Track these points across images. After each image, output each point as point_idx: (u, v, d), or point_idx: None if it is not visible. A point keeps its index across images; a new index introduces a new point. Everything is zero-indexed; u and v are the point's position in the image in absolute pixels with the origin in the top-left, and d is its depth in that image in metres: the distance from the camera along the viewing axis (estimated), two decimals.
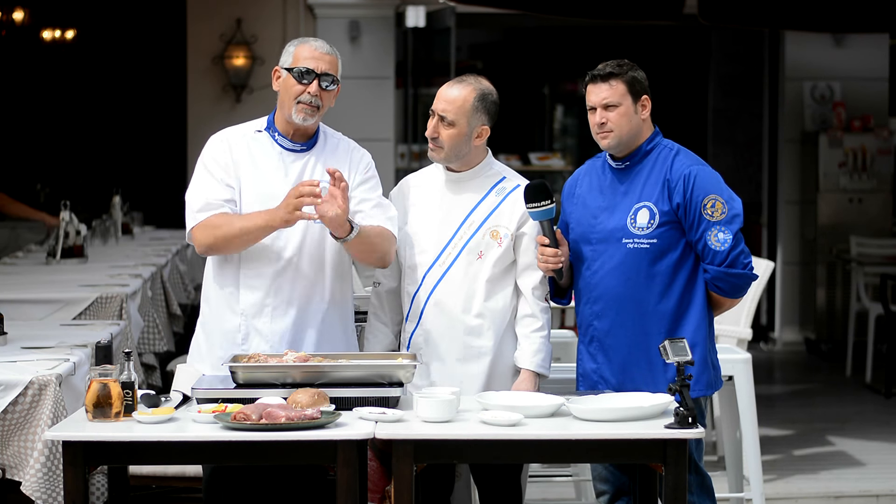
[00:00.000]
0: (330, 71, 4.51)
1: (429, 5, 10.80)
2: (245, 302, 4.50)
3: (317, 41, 4.56)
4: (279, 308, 4.49)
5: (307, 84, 4.47)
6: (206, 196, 4.48)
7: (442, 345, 4.59)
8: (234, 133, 4.60)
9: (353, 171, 4.59)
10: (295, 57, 4.52)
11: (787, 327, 11.47)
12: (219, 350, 4.51)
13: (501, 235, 4.60)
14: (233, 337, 4.50)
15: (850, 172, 10.96)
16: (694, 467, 4.50)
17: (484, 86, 4.61)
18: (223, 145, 4.56)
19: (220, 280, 4.55)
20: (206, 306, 4.61)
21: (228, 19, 10.91)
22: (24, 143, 13.58)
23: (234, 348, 4.48)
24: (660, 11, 8.76)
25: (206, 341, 4.59)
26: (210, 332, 4.57)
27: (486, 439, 3.91)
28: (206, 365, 4.54)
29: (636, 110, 4.56)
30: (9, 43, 12.67)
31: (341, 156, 4.60)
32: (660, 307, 4.52)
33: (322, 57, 4.51)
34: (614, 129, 4.54)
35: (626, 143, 4.57)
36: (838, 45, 11.22)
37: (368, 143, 5.08)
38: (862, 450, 7.68)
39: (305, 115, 4.48)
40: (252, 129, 4.60)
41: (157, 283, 7.67)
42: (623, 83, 4.54)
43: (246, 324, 4.50)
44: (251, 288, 4.49)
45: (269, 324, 4.49)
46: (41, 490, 4.43)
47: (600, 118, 4.55)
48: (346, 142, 4.67)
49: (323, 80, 4.49)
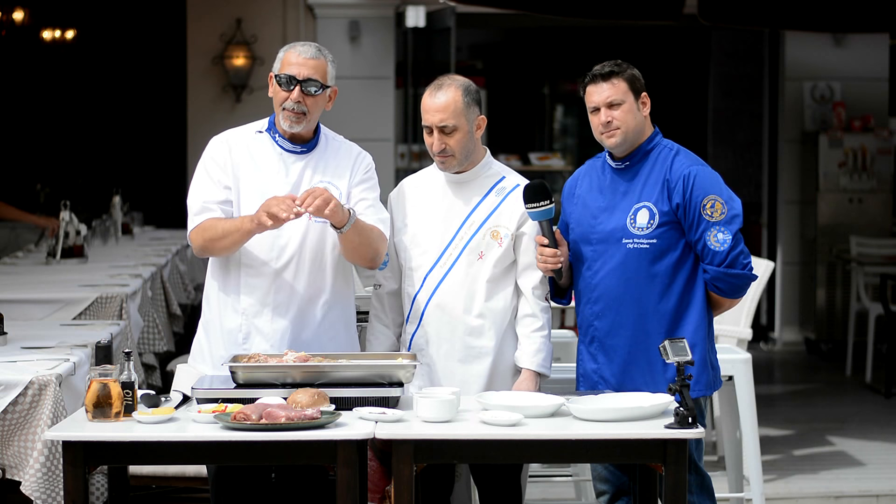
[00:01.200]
0: (314, 76, 4.47)
1: (429, 5, 10.81)
2: (246, 301, 4.50)
3: (304, 46, 4.52)
4: (280, 307, 4.49)
5: (289, 91, 4.47)
6: (202, 199, 4.51)
7: (443, 345, 4.60)
8: (235, 134, 4.61)
9: (354, 171, 4.59)
10: (282, 63, 4.51)
11: (787, 327, 11.47)
12: (220, 350, 4.52)
13: (502, 235, 4.60)
14: (234, 336, 4.51)
15: (850, 172, 10.96)
16: (694, 467, 4.50)
17: (462, 80, 4.62)
18: (223, 146, 4.56)
19: (221, 279, 4.55)
20: (207, 306, 4.62)
21: (228, 19, 10.91)
22: (24, 143, 13.58)
23: (235, 348, 4.48)
24: (660, 11, 8.76)
25: (207, 341, 4.59)
26: (211, 332, 4.58)
27: (486, 439, 3.91)
28: (207, 365, 4.55)
29: (638, 107, 4.57)
30: (9, 43, 12.67)
31: (343, 157, 4.60)
32: (659, 307, 4.52)
33: (305, 63, 4.47)
34: (621, 126, 4.54)
35: (631, 141, 4.57)
36: (838, 45, 11.22)
37: (368, 143, 5.08)
38: (862, 450, 7.69)
39: (291, 121, 4.48)
40: (253, 130, 4.61)
41: (157, 283, 7.68)
42: (624, 80, 4.55)
43: (247, 323, 4.50)
44: (252, 287, 4.49)
45: (270, 323, 4.49)
46: (41, 490, 4.43)
47: (605, 117, 4.55)
48: (347, 144, 4.66)
49: (306, 86, 4.46)
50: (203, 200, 4.49)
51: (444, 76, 4.64)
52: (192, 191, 4.54)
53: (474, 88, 4.63)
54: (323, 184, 4.50)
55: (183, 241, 9.53)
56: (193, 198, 4.52)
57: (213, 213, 4.48)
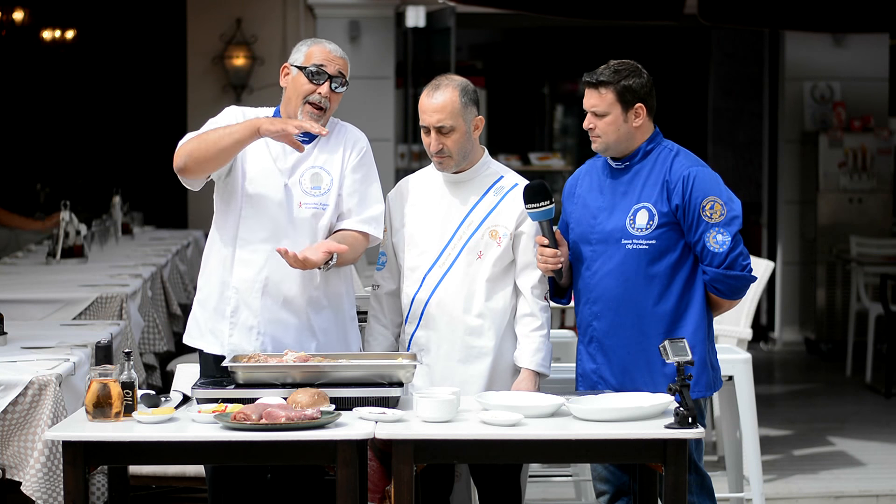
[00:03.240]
0: (342, 72, 4.53)
1: (429, 5, 10.81)
2: (238, 275, 4.49)
3: (330, 43, 4.56)
4: (271, 285, 4.47)
5: (318, 84, 4.48)
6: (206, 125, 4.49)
7: (443, 345, 4.60)
8: (250, 111, 4.62)
9: (347, 155, 4.58)
10: (308, 56, 4.51)
11: (787, 327, 11.47)
12: (210, 322, 4.52)
13: (500, 235, 4.60)
14: (222, 309, 4.50)
15: (850, 172, 10.96)
16: (694, 467, 4.50)
17: (459, 80, 4.62)
18: (238, 114, 4.57)
19: (217, 253, 4.53)
20: (202, 280, 4.61)
21: (228, 19, 10.91)
22: (24, 143, 13.59)
23: (222, 320, 4.48)
24: (660, 11, 8.76)
25: (202, 314, 4.57)
26: (206, 305, 4.56)
27: (486, 439, 3.91)
28: (204, 340, 4.54)
29: (626, 119, 4.54)
30: (9, 43, 12.68)
31: (337, 140, 4.60)
32: (658, 308, 4.52)
33: (335, 59, 4.52)
34: (601, 136, 4.55)
35: (614, 149, 4.57)
36: (838, 45, 11.22)
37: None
38: (862, 450, 7.69)
39: (311, 117, 4.47)
40: (263, 114, 4.60)
41: (157, 283, 7.68)
42: (613, 92, 4.52)
43: (236, 297, 4.49)
44: (246, 262, 4.48)
45: (259, 299, 4.47)
46: (41, 490, 4.43)
47: (588, 123, 4.57)
48: (341, 126, 4.66)
49: (334, 82, 4.50)
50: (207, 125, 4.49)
51: (442, 76, 4.63)
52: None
53: (472, 88, 4.63)
54: (314, 169, 4.50)
55: (183, 241, 9.54)
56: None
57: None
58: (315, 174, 4.51)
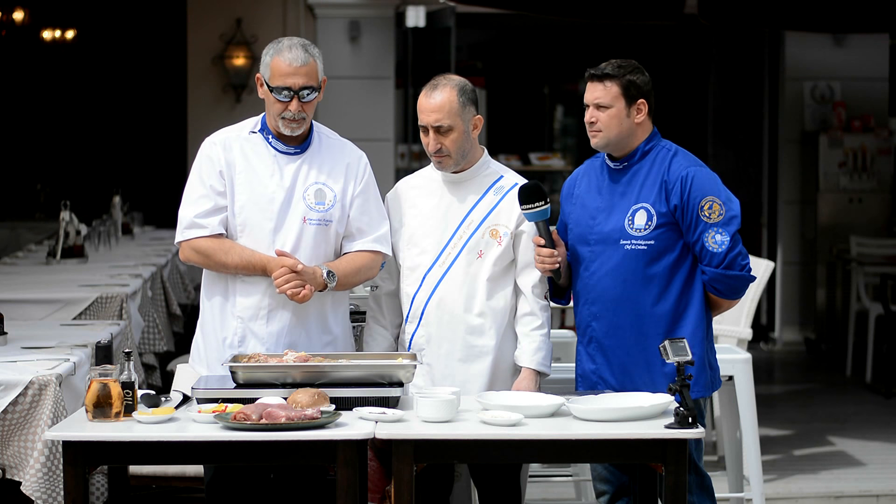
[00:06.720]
0: (308, 83, 4.45)
1: (429, 5, 10.81)
2: (241, 305, 4.50)
3: (291, 52, 4.45)
4: (275, 310, 4.49)
5: (286, 102, 4.46)
6: (194, 210, 4.50)
7: (444, 345, 4.60)
8: (229, 134, 4.60)
9: (350, 176, 4.59)
10: (272, 71, 4.46)
11: (787, 327, 11.47)
12: (215, 352, 4.52)
13: (501, 234, 4.60)
14: (230, 340, 4.51)
15: (850, 172, 10.97)
16: (694, 467, 4.50)
17: (457, 80, 4.61)
18: (216, 148, 4.55)
19: (217, 284, 4.55)
20: (203, 309, 4.62)
21: (228, 19, 10.91)
22: (24, 143, 13.59)
23: (230, 350, 4.48)
24: (660, 11, 8.76)
25: (204, 344, 4.59)
26: (207, 335, 4.58)
27: (486, 439, 3.91)
28: (204, 367, 4.56)
29: (629, 114, 4.54)
30: (9, 43, 12.68)
31: (337, 158, 4.60)
32: (657, 309, 4.51)
33: (297, 71, 4.43)
34: (603, 130, 4.54)
35: (615, 145, 4.56)
36: (838, 45, 11.22)
37: (368, 143, 5.09)
38: (862, 450, 7.68)
39: (291, 129, 4.49)
40: (246, 130, 4.60)
41: (157, 283, 7.68)
42: (618, 85, 4.52)
43: (242, 326, 4.50)
44: (247, 292, 4.50)
45: (266, 326, 4.49)
46: (41, 490, 4.43)
47: (590, 117, 4.55)
48: (340, 143, 4.66)
49: (302, 94, 4.45)
50: (194, 214, 4.50)
51: (440, 76, 4.63)
52: (185, 198, 4.54)
53: (470, 88, 4.63)
54: (317, 186, 4.51)
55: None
56: (185, 208, 4.53)
57: (202, 230, 4.48)
58: (318, 190, 4.52)
